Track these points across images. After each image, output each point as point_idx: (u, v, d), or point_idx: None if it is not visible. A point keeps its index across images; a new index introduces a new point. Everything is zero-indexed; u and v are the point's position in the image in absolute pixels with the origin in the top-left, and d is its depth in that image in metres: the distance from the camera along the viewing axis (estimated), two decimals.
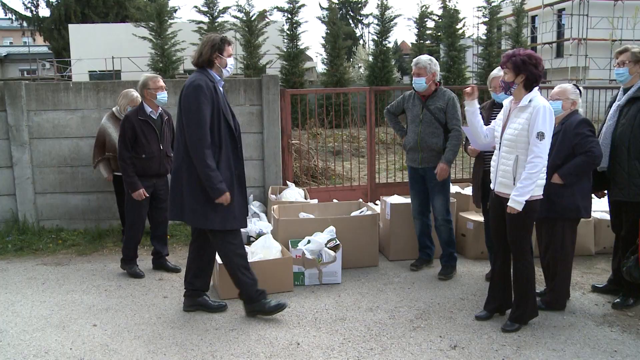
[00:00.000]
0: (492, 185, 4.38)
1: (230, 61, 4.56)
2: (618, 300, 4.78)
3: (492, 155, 5.01)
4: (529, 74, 4.08)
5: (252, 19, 20.50)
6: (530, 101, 4.08)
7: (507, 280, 4.45)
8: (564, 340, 4.14)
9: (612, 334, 4.25)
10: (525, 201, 4.05)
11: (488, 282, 5.33)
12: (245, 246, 5.46)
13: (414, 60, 5.51)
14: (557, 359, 3.87)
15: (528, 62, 4.07)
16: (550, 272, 4.69)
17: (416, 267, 5.76)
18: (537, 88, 4.15)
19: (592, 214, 5.86)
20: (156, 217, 5.80)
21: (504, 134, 4.21)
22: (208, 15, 20.63)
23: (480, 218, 5.92)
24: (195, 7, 21.00)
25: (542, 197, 4.19)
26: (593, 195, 4.88)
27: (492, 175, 4.37)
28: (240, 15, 20.54)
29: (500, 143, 4.27)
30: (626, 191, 4.57)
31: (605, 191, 4.90)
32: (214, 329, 4.40)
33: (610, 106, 4.86)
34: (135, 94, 6.19)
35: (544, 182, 4.17)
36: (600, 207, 6.11)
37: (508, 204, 4.10)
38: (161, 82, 5.53)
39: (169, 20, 20.85)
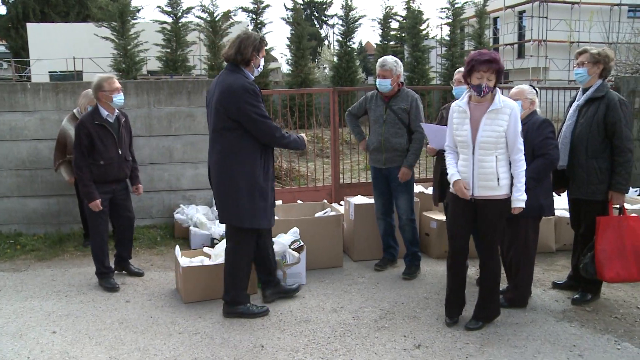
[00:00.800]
0: (469, 192, 4.20)
1: (262, 62, 4.62)
2: (577, 296, 4.88)
3: None
4: (500, 77, 4.17)
5: (217, 19, 20.39)
6: (503, 102, 4.12)
7: (464, 282, 4.50)
8: (525, 337, 4.20)
9: (571, 329, 4.33)
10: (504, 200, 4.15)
11: None
12: (209, 249, 5.46)
13: (380, 61, 5.49)
14: (519, 356, 3.92)
15: (502, 69, 4.13)
16: (512, 270, 4.75)
17: (380, 268, 5.79)
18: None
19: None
20: (120, 223, 5.59)
21: (479, 137, 4.11)
22: (172, 15, 20.42)
23: (444, 217, 5.98)
24: (159, 7, 20.76)
25: None
26: (554, 193, 4.97)
27: (463, 183, 4.19)
28: (204, 15, 20.43)
29: (473, 147, 4.13)
30: (584, 189, 4.66)
31: (565, 189, 4.99)
32: (178, 333, 4.35)
33: (570, 106, 4.95)
34: None
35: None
36: (560, 204, 6.23)
37: (516, 205, 4.12)
38: (117, 84, 5.26)
39: (132, 21, 20.60)
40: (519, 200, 4.10)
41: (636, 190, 7.71)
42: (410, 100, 5.50)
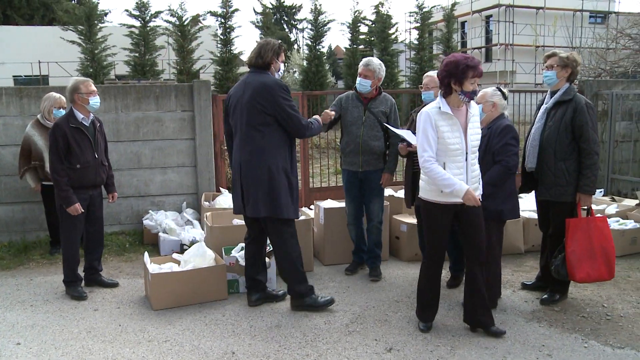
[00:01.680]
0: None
1: (282, 66, 4.80)
2: (545, 296, 4.94)
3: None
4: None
5: (185, 23, 20.23)
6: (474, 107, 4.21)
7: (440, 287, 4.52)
8: (495, 338, 4.23)
9: (540, 329, 4.38)
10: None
11: None
12: (178, 255, 5.39)
13: (365, 60, 5.47)
14: (490, 357, 3.95)
15: None
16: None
17: (351, 272, 5.78)
18: None
19: (521, 213, 6.05)
20: (93, 231, 5.44)
21: (469, 142, 4.10)
22: (140, 19, 20.18)
23: (414, 220, 6.01)
24: (127, 10, 20.46)
25: None
26: (522, 195, 5.02)
27: (463, 187, 4.03)
28: (173, 19, 20.27)
29: (465, 152, 4.09)
30: (552, 191, 4.72)
31: (532, 190, 5.04)
32: (147, 341, 4.28)
33: (538, 108, 5.02)
34: (57, 94, 5.96)
35: None
36: (529, 206, 6.31)
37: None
38: (93, 87, 5.19)
39: (99, 24, 20.30)
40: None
41: (600, 191, 7.86)
42: (390, 104, 5.53)
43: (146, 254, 5.30)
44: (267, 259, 5.23)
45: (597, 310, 4.76)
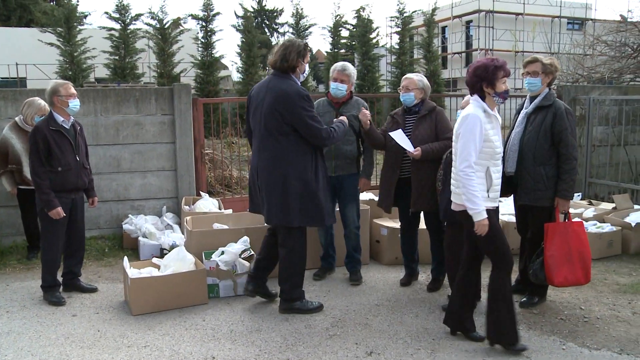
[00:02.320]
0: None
1: (307, 68, 4.76)
2: (524, 299, 4.98)
3: (409, 163, 5.13)
4: None
5: (166, 26, 20.11)
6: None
7: None
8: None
9: (519, 332, 4.41)
10: None
11: (403, 287, 5.47)
12: (158, 259, 5.36)
13: (340, 65, 5.48)
14: (470, 359, 3.98)
15: None
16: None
17: (319, 277, 5.76)
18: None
19: (501, 217, 6.09)
20: (74, 236, 5.37)
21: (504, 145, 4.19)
22: (120, 22, 20.01)
23: (394, 224, 6.04)
24: (107, 13, 20.22)
25: None
26: (502, 199, 5.04)
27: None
28: (154, 22, 20.09)
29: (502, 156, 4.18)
30: (531, 195, 4.76)
31: (511, 194, 5.08)
32: (126, 347, 4.24)
33: (518, 113, 5.07)
34: (42, 102, 5.88)
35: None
36: (508, 210, 6.37)
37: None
38: (73, 89, 5.14)
39: (79, 27, 20.08)
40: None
41: (578, 195, 7.96)
42: (361, 107, 5.53)
43: (125, 258, 5.26)
44: (247, 263, 5.22)
45: (574, 312, 4.82)
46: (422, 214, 5.38)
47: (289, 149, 4.56)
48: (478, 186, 3.92)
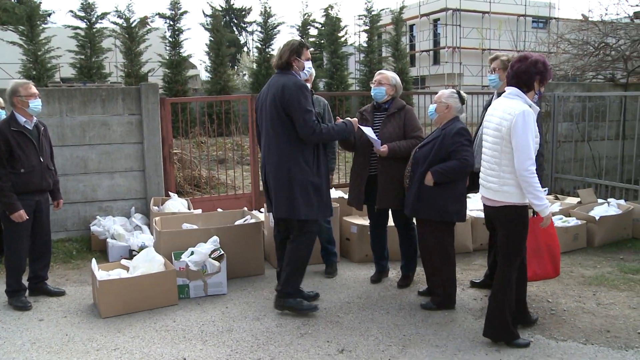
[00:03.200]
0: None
1: (308, 64, 4.81)
2: None
3: (376, 160, 5.15)
4: None
5: (133, 25, 19.84)
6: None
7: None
8: (446, 336, 4.31)
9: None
10: None
11: (373, 284, 5.49)
12: (127, 261, 5.30)
13: None
14: (440, 354, 4.02)
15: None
16: (436, 275, 4.86)
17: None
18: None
19: (469, 212, 6.18)
20: (40, 239, 5.26)
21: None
22: (85, 20, 19.67)
23: (364, 222, 6.06)
24: (71, 11, 19.83)
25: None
26: (470, 195, 5.11)
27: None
28: (120, 21, 19.81)
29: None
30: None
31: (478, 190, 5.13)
32: (95, 350, 4.18)
33: (485, 109, 5.13)
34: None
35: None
36: (477, 205, 6.45)
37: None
38: (34, 89, 5.02)
39: (42, 25, 19.68)
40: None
41: (545, 190, 8.08)
42: (322, 105, 5.62)
43: (94, 260, 5.19)
44: (217, 263, 5.19)
45: (542, 305, 4.90)
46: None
47: (293, 142, 4.60)
48: (539, 184, 3.90)
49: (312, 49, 23.39)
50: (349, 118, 4.95)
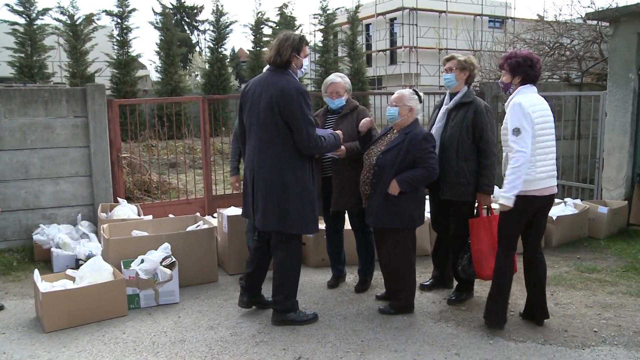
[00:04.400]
0: None
1: (306, 62, 4.63)
2: (452, 296, 5.14)
3: (330, 162, 5.16)
4: (525, 75, 4.29)
5: (78, 22, 19.38)
6: (510, 101, 4.30)
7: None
8: (404, 341, 4.34)
9: (448, 329, 4.54)
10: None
11: (330, 289, 5.50)
12: (73, 271, 5.18)
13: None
14: (400, 359, 4.05)
15: (523, 63, 4.28)
16: (396, 279, 4.88)
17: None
18: (524, 87, 4.32)
19: (427, 214, 6.24)
20: None
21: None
22: (24, 16, 19.10)
23: (320, 225, 6.04)
24: (8, 5, 19.14)
25: (538, 192, 4.32)
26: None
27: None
28: (64, 18, 19.33)
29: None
30: (454, 190, 4.90)
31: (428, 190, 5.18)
32: None
33: (437, 109, 5.23)
34: None
35: (538, 177, 4.27)
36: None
37: (499, 201, 4.22)
38: None
39: None
40: (503, 197, 4.20)
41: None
42: None
43: (36, 271, 5.03)
44: (168, 271, 5.12)
45: None
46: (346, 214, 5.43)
47: (289, 150, 4.43)
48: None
49: (266, 49, 23.47)
50: (338, 131, 4.87)
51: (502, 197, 4.20)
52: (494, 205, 4.95)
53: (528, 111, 4.17)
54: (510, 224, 4.40)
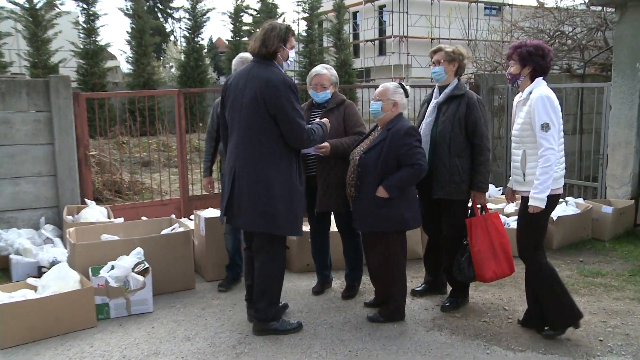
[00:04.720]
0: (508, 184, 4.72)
1: (292, 54, 4.66)
2: (447, 303, 5.15)
3: (314, 159, 5.15)
4: (536, 65, 4.32)
5: (38, 7, 19.17)
6: (529, 93, 4.31)
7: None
8: (395, 351, 4.35)
9: (441, 338, 4.55)
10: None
11: (315, 296, 5.50)
12: (34, 279, 5.13)
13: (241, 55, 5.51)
14: None
15: (534, 53, 4.31)
16: (386, 284, 4.89)
17: (226, 288, 5.74)
18: (540, 79, 4.36)
19: None
20: None
21: (512, 129, 4.47)
22: None
23: (304, 228, 6.03)
24: None
25: (560, 190, 4.40)
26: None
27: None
28: (21, 1, 19.13)
29: (511, 140, 4.52)
30: (447, 189, 4.90)
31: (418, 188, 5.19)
32: None
33: (426, 103, 5.24)
34: None
35: (561, 174, 4.37)
36: None
37: (529, 203, 4.24)
38: None
39: None
40: (536, 199, 4.23)
41: (499, 189, 8.29)
42: None
43: None
44: (141, 278, 5.09)
45: (498, 313, 5.01)
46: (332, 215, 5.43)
47: (274, 147, 4.42)
48: None
49: (246, 39, 23.48)
50: (325, 120, 4.86)
51: (535, 199, 4.22)
52: (493, 206, 4.98)
53: (557, 104, 4.25)
54: (542, 225, 4.47)
